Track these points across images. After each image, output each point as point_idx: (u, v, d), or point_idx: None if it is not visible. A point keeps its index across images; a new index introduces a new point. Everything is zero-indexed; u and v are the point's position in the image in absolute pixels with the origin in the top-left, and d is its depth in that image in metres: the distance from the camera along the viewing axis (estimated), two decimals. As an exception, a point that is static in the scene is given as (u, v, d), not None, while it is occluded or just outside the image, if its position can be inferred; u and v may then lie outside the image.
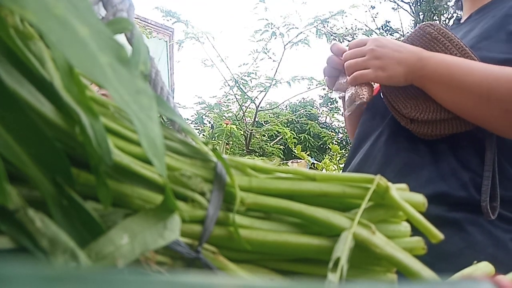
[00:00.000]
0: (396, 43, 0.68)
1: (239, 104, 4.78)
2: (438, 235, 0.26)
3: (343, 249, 0.23)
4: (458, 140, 0.65)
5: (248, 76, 4.68)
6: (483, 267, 0.28)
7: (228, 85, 4.79)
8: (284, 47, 4.52)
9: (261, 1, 4.47)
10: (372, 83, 0.72)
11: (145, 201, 0.22)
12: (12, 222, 0.18)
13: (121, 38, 0.29)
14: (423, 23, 0.70)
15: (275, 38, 4.53)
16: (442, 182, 0.63)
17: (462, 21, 0.81)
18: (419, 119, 0.64)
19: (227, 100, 5.16)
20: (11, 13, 0.20)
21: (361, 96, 0.68)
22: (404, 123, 0.66)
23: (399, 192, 0.27)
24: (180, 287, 0.10)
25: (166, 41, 8.49)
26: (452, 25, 0.73)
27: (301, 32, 4.51)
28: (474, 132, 0.63)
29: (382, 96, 0.71)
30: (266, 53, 4.64)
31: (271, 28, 4.50)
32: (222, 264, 0.23)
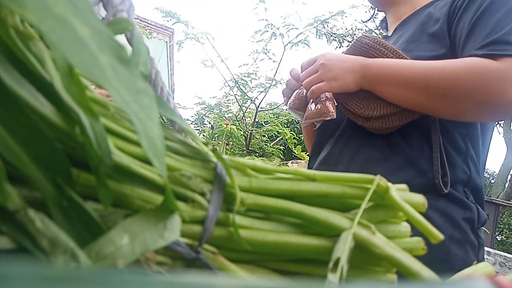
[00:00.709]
0: (341, 56, 0.78)
1: (239, 105, 4.78)
2: (438, 235, 0.26)
3: (343, 250, 0.23)
4: (409, 131, 0.74)
5: (248, 77, 4.67)
6: (483, 268, 0.28)
7: (228, 85, 4.79)
8: (284, 48, 4.52)
9: (261, 2, 4.46)
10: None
11: (145, 201, 0.22)
12: (13, 222, 0.18)
13: (121, 38, 0.29)
14: (360, 35, 0.82)
15: (275, 38, 4.52)
16: (403, 172, 0.73)
17: (389, 34, 0.96)
18: (372, 116, 0.74)
19: (227, 100, 5.15)
20: (11, 13, 0.20)
21: (331, 113, 0.77)
22: (361, 122, 0.76)
23: (399, 192, 0.27)
24: (180, 287, 0.10)
25: (166, 42, 8.50)
26: (382, 39, 0.86)
27: (301, 33, 4.51)
28: (421, 122, 0.73)
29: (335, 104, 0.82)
30: (266, 54, 4.64)
31: (271, 29, 4.50)
32: (222, 265, 0.23)
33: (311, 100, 0.80)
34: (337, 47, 6.43)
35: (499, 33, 0.67)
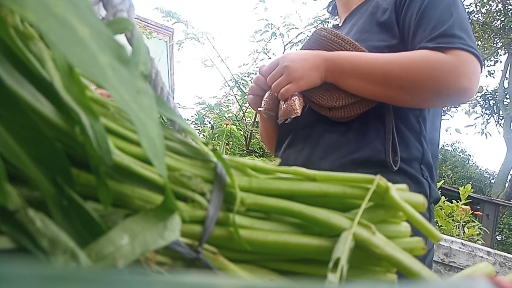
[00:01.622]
0: (300, 54, 0.82)
1: (239, 105, 4.77)
2: (438, 235, 0.26)
3: (343, 250, 0.23)
4: (367, 116, 0.80)
5: (248, 77, 4.67)
6: (483, 268, 0.28)
7: (228, 85, 4.78)
8: (284, 48, 4.51)
9: (261, 1, 4.46)
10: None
11: (145, 201, 0.22)
12: (13, 222, 0.18)
13: (121, 38, 0.29)
14: (317, 28, 0.85)
15: (275, 38, 4.52)
16: (361, 152, 0.79)
17: (340, 24, 1.02)
18: (335, 107, 0.79)
19: (227, 100, 5.15)
20: (11, 13, 0.20)
21: (296, 111, 0.80)
22: (324, 112, 0.81)
23: (399, 192, 0.27)
24: (180, 287, 0.10)
25: (166, 42, 8.50)
26: (334, 28, 0.90)
27: (301, 33, 4.50)
28: (378, 107, 0.79)
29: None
30: (266, 54, 4.64)
31: (271, 29, 4.49)
32: (222, 265, 0.23)
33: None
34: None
35: (444, 27, 0.75)
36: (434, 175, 0.82)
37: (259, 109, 0.88)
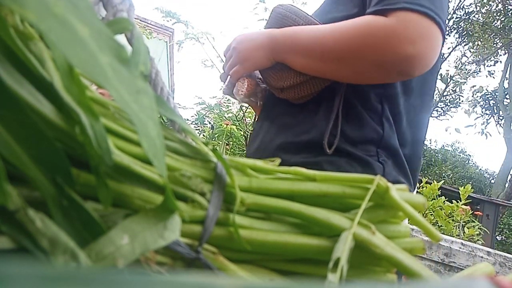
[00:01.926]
0: (250, 34, 0.79)
1: (239, 105, 4.77)
2: (437, 235, 0.26)
3: (343, 250, 0.23)
4: (323, 97, 0.75)
5: (248, 77, 4.66)
6: (483, 268, 0.28)
7: (228, 85, 4.78)
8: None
9: (261, 2, 4.46)
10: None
11: (145, 201, 0.22)
12: (13, 222, 0.18)
13: (121, 38, 0.29)
14: (275, 5, 0.82)
15: (275, 38, 4.52)
16: (306, 134, 0.75)
17: None
18: (285, 87, 0.75)
19: (227, 100, 5.15)
20: (11, 13, 0.20)
21: (240, 93, 0.80)
22: (277, 94, 0.79)
23: (399, 192, 0.27)
24: (180, 287, 0.10)
25: (166, 42, 8.50)
26: (295, 6, 0.85)
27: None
28: (335, 86, 0.74)
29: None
30: (266, 54, 4.63)
31: (271, 29, 4.49)
32: (222, 265, 0.23)
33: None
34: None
35: None
36: (398, 160, 0.75)
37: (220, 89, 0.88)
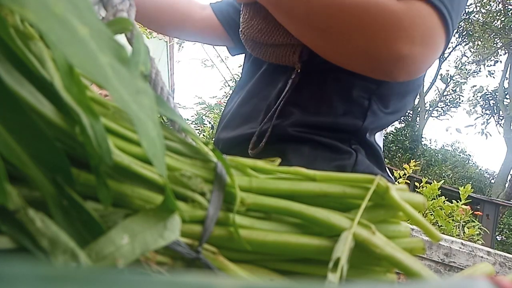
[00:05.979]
0: None
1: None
2: (438, 235, 0.26)
3: (343, 249, 0.23)
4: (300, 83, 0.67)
5: (248, 77, 4.67)
6: (483, 268, 0.28)
7: (228, 85, 4.78)
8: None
9: (261, 2, 4.46)
10: None
11: (145, 201, 0.22)
12: (13, 222, 0.18)
13: (121, 38, 0.29)
14: None
15: (275, 38, 4.51)
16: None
17: None
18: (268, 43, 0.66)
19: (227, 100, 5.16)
20: (11, 13, 0.20)
21: None
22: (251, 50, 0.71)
23: (399, 192, 0.27)
24: (180, 287, 0.10)
25: (166, 41, 8.50)
26: None
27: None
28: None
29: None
30: (266, 53, 4.63)
31: (271, 29, 4.49)
32: (222, 265, 0.23)
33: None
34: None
35: None
36: (375, 152, 0.69)
37: None
